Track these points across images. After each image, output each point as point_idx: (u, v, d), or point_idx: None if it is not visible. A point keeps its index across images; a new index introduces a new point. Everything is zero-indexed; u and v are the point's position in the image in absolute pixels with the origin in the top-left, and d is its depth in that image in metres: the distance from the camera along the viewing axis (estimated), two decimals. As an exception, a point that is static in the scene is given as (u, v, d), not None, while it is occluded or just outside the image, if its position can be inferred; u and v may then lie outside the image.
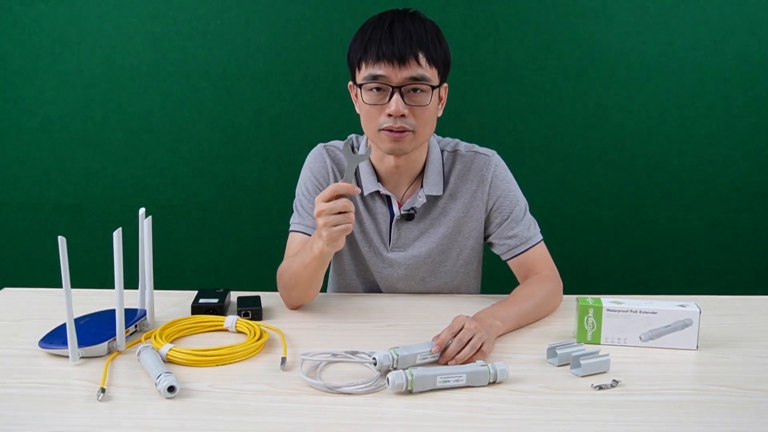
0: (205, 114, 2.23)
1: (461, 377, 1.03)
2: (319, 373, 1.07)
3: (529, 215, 1.47)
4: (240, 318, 1.26)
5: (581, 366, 1.07)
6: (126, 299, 1.14)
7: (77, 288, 1.17)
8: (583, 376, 1.07)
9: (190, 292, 1.40)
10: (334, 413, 0.96)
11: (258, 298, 1.36)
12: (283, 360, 1.10)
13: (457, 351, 1.09)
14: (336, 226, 1.16)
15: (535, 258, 1.44)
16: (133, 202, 2.27)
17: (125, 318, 1.15)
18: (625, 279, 2.32)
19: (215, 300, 1.33)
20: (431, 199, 1.44)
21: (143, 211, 1.23)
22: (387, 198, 1.45)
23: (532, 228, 1.45)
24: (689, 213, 2.27)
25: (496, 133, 2.21)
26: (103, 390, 0.99)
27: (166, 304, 1.37)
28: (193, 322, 1.25)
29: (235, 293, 1.41)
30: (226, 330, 1.25)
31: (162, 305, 1.36)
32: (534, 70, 2.18)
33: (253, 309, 1.31)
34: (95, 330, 1.16)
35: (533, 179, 2.22)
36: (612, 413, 0.96)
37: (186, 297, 1.38)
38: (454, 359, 1.09)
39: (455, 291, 1.51)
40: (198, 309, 1.31)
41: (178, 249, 2.31)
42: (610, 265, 2.32)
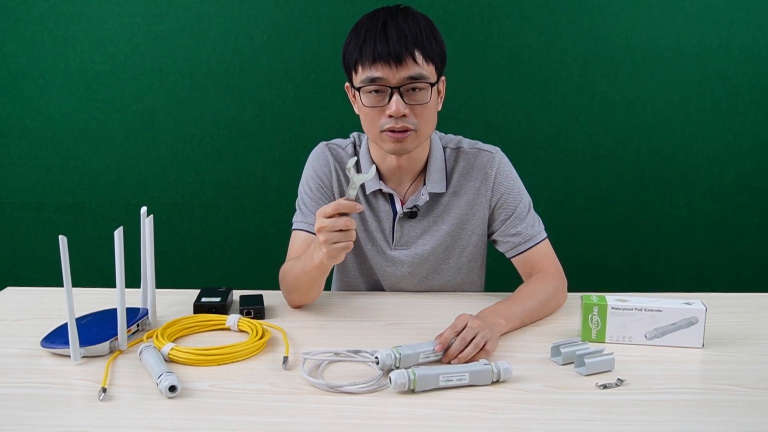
0: (208, 112, 2.23)
1: (464, 376, 1.02)
2: (321, 373, 1.07)
3: (533, 212, 1.46)
4: (242, 317, 1.25)
5: (586, 365, 1.06)
6: (128, 298, 1.14)
7: (79, 287, 1.17)
8: (588, 375, 1.06)
9: (192, 290, 1.39)
10: (336, 413, 0.95)
11: (260, 296, 1.36)
12: (285, 359, 1.10)
13: (460, 350, 1.09)
14: (336, 243, 1.15)
15: (540, 255, 1.43)
16: (136, 200, 2.27)
17: (127, 317, 1.15)
18: (630, 276, 2.31)
19: (218, 299, 1.32)
20: (434, 197, 1.43)
21: (145, 210, 1.23)
22: (390, 196, 1.44)
23: (536, 225, 1.44)
24: (695, 209, 2.26)
25: (500, 130, 2.20)
26: (105, 390, 0.99)
27: (168, 303, 1.37)
28: (195, 321, 1.25)
29: (238, 292, 1.40)
30: (228, 329, 1.25)
31: (164, 304, 1.35)
32: (538, 66, 2.17)
33: (256, 308, 1.31)
34: (97, 329, 1.16)
35: (537, 176, 2.21)
36: (617, 412, 0.95)
37: (188, 296, 1.38)
38: (457, 358, 1.08)
39: (459, 289, 1.50)
40: (200, 308, 1.31)
41: (180, 247, 2.31)
42: (614, 263, 2.31)
